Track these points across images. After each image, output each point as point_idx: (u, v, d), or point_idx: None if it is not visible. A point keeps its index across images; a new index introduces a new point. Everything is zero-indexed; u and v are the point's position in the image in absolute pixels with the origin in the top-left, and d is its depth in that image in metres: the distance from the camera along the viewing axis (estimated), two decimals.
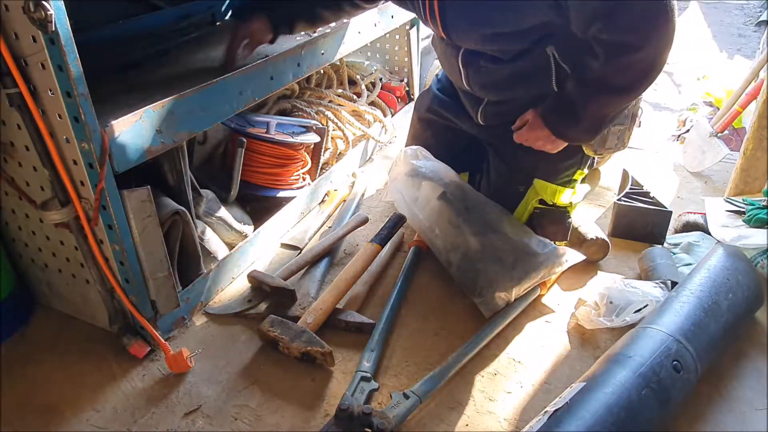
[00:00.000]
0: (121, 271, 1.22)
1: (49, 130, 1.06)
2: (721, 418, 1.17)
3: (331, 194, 1.94)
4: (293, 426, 1.16)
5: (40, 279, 1.42)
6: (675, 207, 1.78)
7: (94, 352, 1.34)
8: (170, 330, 1.38)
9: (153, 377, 1.27)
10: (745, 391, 1.22)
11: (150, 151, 1.17)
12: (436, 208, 1.52)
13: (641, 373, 1.05)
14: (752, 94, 2.05)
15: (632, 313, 1.33)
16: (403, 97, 2.44)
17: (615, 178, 1.96)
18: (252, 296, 1.49)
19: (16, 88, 1.01)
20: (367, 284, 1.52)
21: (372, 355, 1.28)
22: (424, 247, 1.64)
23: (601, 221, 1.82)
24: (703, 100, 2.67)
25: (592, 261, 1.59)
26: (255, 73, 1.42)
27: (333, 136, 2.05)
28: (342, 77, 2.22)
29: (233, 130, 1.68)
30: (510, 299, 1.40)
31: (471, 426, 1.16)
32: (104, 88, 1.26)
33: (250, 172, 1.70)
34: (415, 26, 2.33)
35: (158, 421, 1.17)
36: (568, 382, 1.21)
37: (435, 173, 1.59)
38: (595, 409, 0.99)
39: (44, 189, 1.18)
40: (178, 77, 1.33)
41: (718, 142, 2.07)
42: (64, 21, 0.94)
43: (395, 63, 2.50)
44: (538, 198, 1.55)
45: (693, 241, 1.62)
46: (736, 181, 1.86)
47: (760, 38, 2.95)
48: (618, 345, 1.16)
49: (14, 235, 1.37)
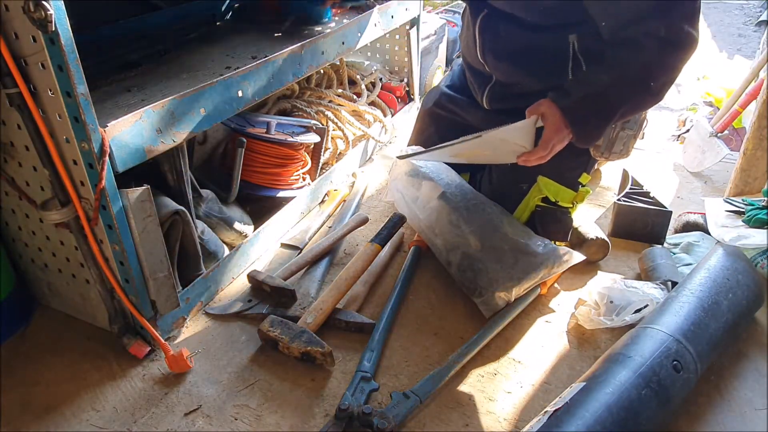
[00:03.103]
0: (121, 271, 1.22)
1: (49, 130, 1.06)
2: (721, 418, 1.17)
3: (331, 194, 1.94)
4: (293, 426, 1.16)
5: (40, 279, 1.42)
6: (675, 207, 1.78)
7: (94, 352, 1.34)
8: (170, 330, 1.38)
9: (153, 377, 1.27)
10: (745, 391, 1.22)
11: (150, 151, 1.17)
12: (436, 208, 1.52)
13: (641, 373, 1.05)
14: (752, 94, 2.05)
15: (632, 313, 1.33)
16: (403, 97, 2.44)
17: (615, 178, 1.97)
18: (252, 296, 1.49)
19: (16, 88, 1.01)
20: (367, 284, 1.52)
21: (372, 355, 1.28)
22: (424, 247, 1.64)
23: (601, 221, 1.82)
24: (703, 100, 2.68)
25: (592, 261, 1.59)
26: (255, 73, 1.42)
27: (333, 136, 2.05)
28: (342, 77, 2.22)
29: (233, 130, 1.68)
30: (510, 299, 1.40)
31: (471, 426, 1.16)
32: (104, 88, 1.26)
33: (250, 172, 1.70)
34: (415, 26, 2.33)
35: (158, 421, 1.17)
36: (568, 382, 1.21)
37: (435, 173, 1.60)
38: (595, 409, 0.99)
39: (44, 189, 1.18)
40: (178, 77, 1.33)
41: (718, 142, 2.07)
42: (64, 21, 0.94)
43: (395, 63, 2.50)
44: (540, 196, 1.54)
45: (693, 241, 1.62)
46: (736, 181, 1.86)
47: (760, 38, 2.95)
48: (618, 345, 1.16)
49: (14, 235, 1.37)
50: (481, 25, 1.43)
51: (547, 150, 1.28)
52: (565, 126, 1.26)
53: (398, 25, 2.14)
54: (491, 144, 1.36)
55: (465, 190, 1.55)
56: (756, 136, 1.79)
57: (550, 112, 1.26)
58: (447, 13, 3.08)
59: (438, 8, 3.27)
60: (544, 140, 1.28)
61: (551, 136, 1.27)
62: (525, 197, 1.56)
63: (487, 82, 1.52)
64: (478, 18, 1.42)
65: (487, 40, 1.43)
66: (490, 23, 1.41)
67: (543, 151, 1.29)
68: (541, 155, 1.29)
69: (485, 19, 1.42)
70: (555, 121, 1.26)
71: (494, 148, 1.38)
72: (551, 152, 1.30)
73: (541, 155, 1.29)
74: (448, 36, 2.74)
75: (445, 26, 2.72)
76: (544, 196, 1.54)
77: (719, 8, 4.66)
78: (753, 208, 1.59)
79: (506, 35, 1.39)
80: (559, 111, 1.25)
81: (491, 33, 1.42)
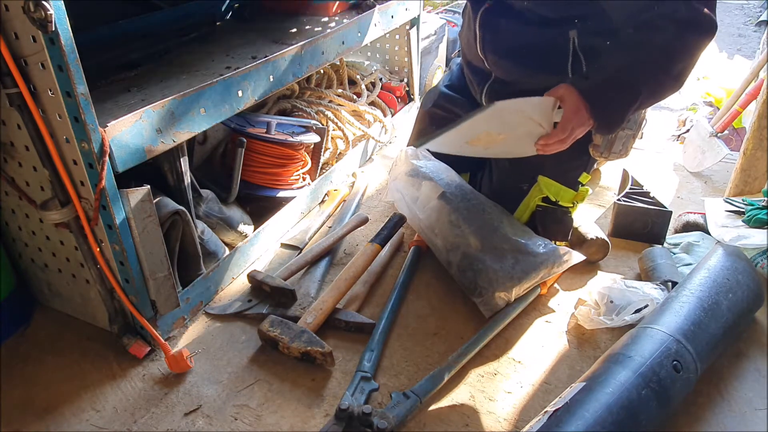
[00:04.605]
0: (121, 271, 1.22)
1: (49, 130, 1.06)
2: (721, 418, 1.17)
3: (331, 194, 1.94)
4: (293, 426, 1.16)
5: (40, 279, 1.42)
6: (675, 207, 1.78)
7: (94, 352, 1.34)
8: (170, 330, 1.38)
9: (153, 377, 1.27)
10: (745, 391, 1.22)
11: (150, 151, 1.17)
12: (436, 208, 1.52)
13: (641, 373, 1.05)
14: (752, 94, 2.05)
15: (632, 313, 1.33)
16: (403, 97, 2.44)
17: (615, 178, 1.97)
18: (252, 296, 1.49)
19: (16, 88, 1.01)
20: (367, 284, 1.52)
21: (372, 355, 1.28)
22: (424, 247, 1.64)
23: (601, 221, 1.82)
24: (703, 100, 2.68)
25: (592, 261, 1.59)
26: (255, 73, 1.42)
27: (333, 136, 2.05)
28: (342, 77, 2.22)
29: (233, 130, 1.68)
30: (510, 299, 1.40)
31: (471, 426, 1.16)
32: (104, 88, 1.26)
33: (250, 172, 1.69)
34: (415, 26, 2.33)
35: (158, 421, 1.17)
36: (568, 382, 1.21)
37: (435, 173, 1.60)
38: (595, 409, 0.99)
39: (44, 189, 1.18)
40: (178, 77, 1.33)
41: (718, 142, 2.07)
42: (64, 21, 0.94)
43: (395, 63, 2.50)
44: (541, 196, 1.54)
45: (693, 241, 1.62)
46: (736, 181, 1.86)
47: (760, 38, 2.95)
48: (618, 345, 1.16)
49: (14, 235, 1.37)
50: (482, 21, 1.43)
51: (566, 132, 1.24)
52: (585, 108, 1.23)
53: (398, 25, 2.14)
54: (507, 122, 1.29)
55: (465, 190, 1.55)
56: (756, 136, 1.79)
57: (569, 92, 1.23)
58: (447, 13, 3.08)
59: (438, 8, 3.28)
60: (563, 121, 1.24)
61: (570, 117, 1.23)
62: (525, 197, 1.56)
63: (486, 79, 1.53)
64: (479, 13, 1.43)
65: (488, 36, 1.44)
66: (490, 18, 1.42)
67: (562, 134, 1.25)
68: (560, 138, 1.25)
69: (485, 13, 1.42)
70: (574, 102, 1.23)
71: (511, 127, 1.31)
72: (571, 136, 1.26)
73: (561, 138, 1.25)
74: (448, 36, 2.74)
75: (445, 26, 2.72)
76: (544, 196, 1.54)
77: (719, 8, 4.66)
78: (753, 208, 1.59)
79: (507, 30, 1.39)
80: (578, 92, 1.23)
81: (491, 28, 1.42)
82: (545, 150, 1.30)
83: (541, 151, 1.31)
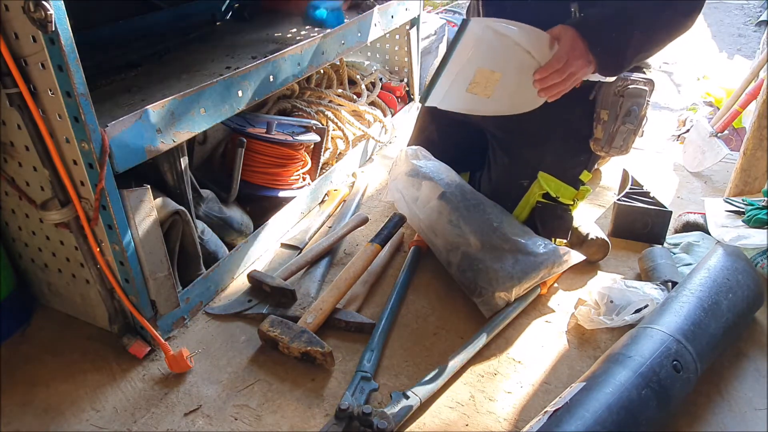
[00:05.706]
0: (121, 271, 1.22)
1: (49, 130, 1.06)
2: (721, 418, 1.17)
3: (331, 194, 1.94)
4: (293, 426, 1.16)
5: (40, 279, 1.42)
6: (675, 207, 1.78)
7: (94, 352, 1.34)
8: (170, 330, 1.38)
9: (153, 377, 1.27)
10: (745, 391, 1.22)
11: (150, 151, 1.17)
12: (436, 208, 1.52)
13: (641, 373, 1.05)
14: (752, 94, 2.05)
15: (632, 313, 1.33)
16: (403, 97, 2.44)
17: (615, 178, 1.97)
18: (252, 296, 1.49)
19: (16, 88, 1.01)
20: (367, 284, 1.52)
21: (372, 355, 1.28)
22: (424, 247, 1.64)
23: (601, 221, 1.82)
24: (703, 100, 2.68)
25: (592, 261, 1.59)
26: (255, 73, 1.42)
27: (333, 136, 2.05)
28: (342, 77, 2.22)
29: (233, 130, 1.68)
30: (510, 299, 1.40)
31: (471, 426, 1.16)
32: (104, 88, 1.26)
33: (250, 172, 1.69)
34: (415, 26, 2.33)
35: (158, 421, 1.17)
36: (568, 382, 1.21)
37: (435, 173, 1.60)
38: (595, 409, 0.99)
39: (44, 189, 1.18)
40: (178, 77, 1.33)
41: (718, 142, 2.07)
42: (64, 21, 0.94)
43: (395, 63, 2.50)
44: (542, 192, 1.54)
45: (693, 241, 1.62)
46: (736, 181, 1.86)
47: (760, 38, 2.95)
48: (618, 345, 1.16)
49: (14, 235, 1.37)
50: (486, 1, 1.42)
51: (562, 62, 1.21)
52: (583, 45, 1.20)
53: (398, 25, 2.14)
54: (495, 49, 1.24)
55: (465, 190, 1.55)
56: (756, 136, 1.79)
57: (564, 29, 1.21)
58: (447, 13, 3.08)
59: (438, 8, 3.28)
60: (558, 52, 1.22)
61: (567, 50, 1.21)
62: (525, 194, 1.56)
63: None
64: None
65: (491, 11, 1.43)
66: None
67: (558, 63, 1.21)
68: (556, 68, 1.21)
69: None
70: (570, 36, 1.20)
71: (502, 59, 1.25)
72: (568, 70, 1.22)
73: (557, 68, 1.21)
74: (448, 36, 2.74)
75: (445, 26, 2.72)
76: (545, 192, 1.54)
77: (719, 8, 4.67)
78: (753, 208, 1.59)
79: (509, 5, 1.38)
80: (574, 29, 1.21)
81: (496, 8, 1.41)
82: (546, 88, 1.25)
83: (543, 93, 1.26)
